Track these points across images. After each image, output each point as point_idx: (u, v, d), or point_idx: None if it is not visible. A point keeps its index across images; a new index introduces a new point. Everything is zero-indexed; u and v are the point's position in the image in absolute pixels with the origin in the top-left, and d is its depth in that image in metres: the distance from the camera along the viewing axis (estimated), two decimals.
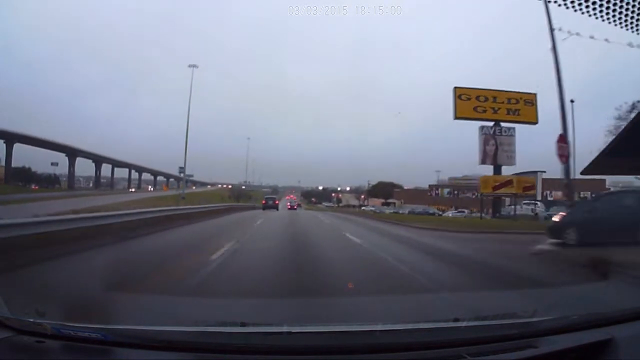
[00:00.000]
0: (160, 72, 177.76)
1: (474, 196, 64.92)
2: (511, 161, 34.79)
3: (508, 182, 34.17)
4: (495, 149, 33.80)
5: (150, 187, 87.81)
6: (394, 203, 72.31)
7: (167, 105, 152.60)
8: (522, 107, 33.53)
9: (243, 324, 1.88)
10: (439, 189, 70.37)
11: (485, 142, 34.11)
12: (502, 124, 33.98)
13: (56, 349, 1.52)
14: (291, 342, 1.67)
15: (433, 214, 46.70)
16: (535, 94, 34.23)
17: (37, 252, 6.36)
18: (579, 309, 2.50)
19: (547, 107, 33.05)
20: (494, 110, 33.56)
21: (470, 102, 33.40)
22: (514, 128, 34.21)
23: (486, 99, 33.73)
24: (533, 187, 35.93)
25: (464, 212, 50.68)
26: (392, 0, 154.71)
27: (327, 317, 3.12)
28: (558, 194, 55.13)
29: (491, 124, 34.12)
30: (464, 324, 1.82)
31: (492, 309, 2.92)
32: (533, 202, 38.25)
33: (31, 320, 1.66)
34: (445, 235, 14.56)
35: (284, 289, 4.80)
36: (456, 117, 33.67)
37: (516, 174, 56.55)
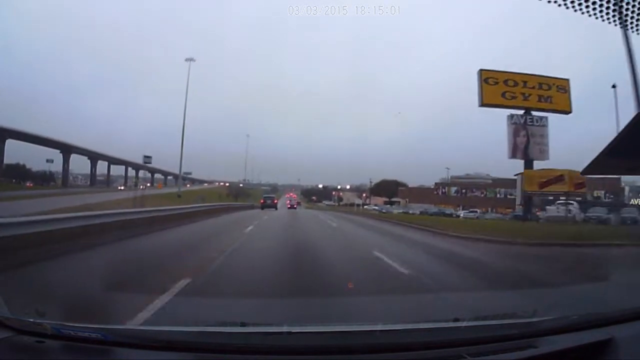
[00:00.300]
0: (160, 70, 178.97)
1: (482, 195, 64.14)
2: (544, 155, 30.91)
3: (559, 178, 29.67)
4: (526, 140, 30.08)
5: (140, 185, 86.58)
6: (399, 202, 70.72)
7: (166, 103, 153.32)
8: (554, 93, 29.91)
9: (243, 324, 1.91)
10: (446, 188, 68.59)
11: (515, 133, 30.47)
12: (533, 113, 30.19)
13: (56, 349, 1.55)
14: (291, 342, 1.70)
15: (450, 214, 42.66)
16: (568, 80, 30.89)
17: None
18: (579, 309, 2.55)
19: None
20: (525, 96, 29.67)
21: (498, 87, 29.76)
22: (546, 117, 30.47)
23: (515, 84, 29.67)
24: (584, 184, 31.59)
25: (476, 212, 48.24)
26: (391, 0, 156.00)
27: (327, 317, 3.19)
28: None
29: (521, 112, 30.43)
30: (464, 324, 1.87)
31: (492, 309, 2.97)
32: (571, 201, 32.45)
33: (31, 320, 1.69)
34: (513, 252, 10.48)
35: None
36: (483, 104, 30.01)
37: (522, 172, 56.35)
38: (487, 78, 29.77)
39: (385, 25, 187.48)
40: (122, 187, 67.74)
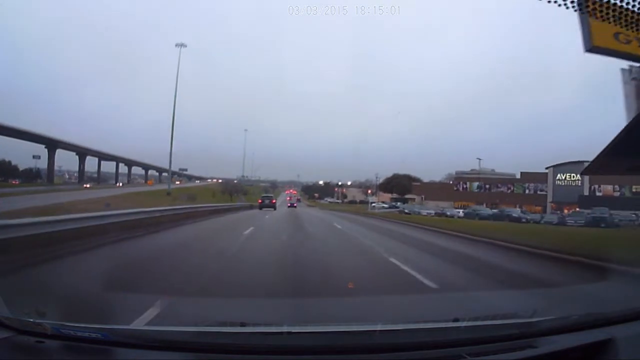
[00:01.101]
0: (158, 68, 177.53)
1: (509, 191, 61.82)
2: None
3: None
4: None
5: (119, 183, 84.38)
6: (413, 199, 67.69)
7: (165, 100, 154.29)
8: None
9: (243, 324, 2.01)
10: (467, 183, 66.37)
11: (638, 94, 22.73)
12: None
13: (56, 349, 1.64)
14: (291, 342, 1.80)
15: (519, 219, 33.71)
16: None
17: None
18: (579, 309, 2.66)
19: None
20: None
21: (609, 26, 22.20)
22: None
23: (627, 23, 21.21)
24: None
25: (523, 212, 40.37)
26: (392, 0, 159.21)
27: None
28: (608, 189, 52.36)
29: (637, 65, 23.28)
30: (464, 324, 1.97)
31: (492, 309, 3.09)
32: None
33: (31, 320, 1.79)
34: None
35: None
36: (591, 48, 15.38)
37: (555, 165, 55.23)
38: (594, 9, 23.32)
39: (387, 16, 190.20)
40: (88, 185, 64.76)
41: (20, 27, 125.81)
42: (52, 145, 68.49)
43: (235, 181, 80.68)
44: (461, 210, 44.11)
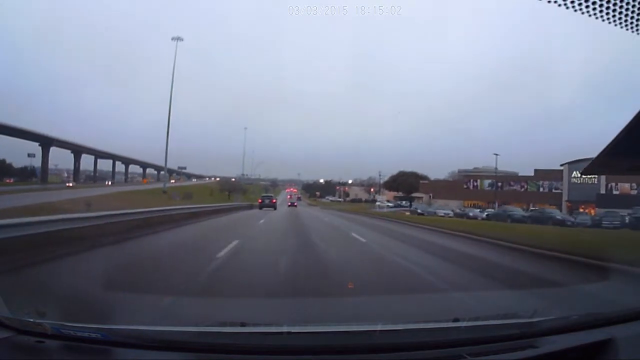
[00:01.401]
0: (158, 68, 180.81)
1: (522, 189, 59.86)
2: None
3: None
4: None
5: (117, 180, 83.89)
6: (420, 198, 66.30)
7: (165, 100, 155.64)
8: None
9: (243, 324, 2.05)
10: (478, 181, 64.23)
11: None
12: None
13: (56, 349, 1.67)
14: (291, 342, 1.83)
15: (563, 221, 29.71)
16: None
17: None
18: (579, 309, 2.71)
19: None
20: None
21: None
22: None
23: None
24: None
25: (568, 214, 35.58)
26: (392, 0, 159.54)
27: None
28: (625, 187, 51.47)
29: None
30: (464, 324, 2.00)
31: (492, 309, 3.14)
32: None
33: (31, 320, 1.82)
34: None
35: None
36: None
37: (570, 162, 54.72)
38: None
39: (386, 21, 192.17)
40: (71, 184, 63.26)
41: (20, 27, 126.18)
42: (46, 142, 68.20)
43: (233, 179, 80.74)
44: (479, 210, 42.39)
